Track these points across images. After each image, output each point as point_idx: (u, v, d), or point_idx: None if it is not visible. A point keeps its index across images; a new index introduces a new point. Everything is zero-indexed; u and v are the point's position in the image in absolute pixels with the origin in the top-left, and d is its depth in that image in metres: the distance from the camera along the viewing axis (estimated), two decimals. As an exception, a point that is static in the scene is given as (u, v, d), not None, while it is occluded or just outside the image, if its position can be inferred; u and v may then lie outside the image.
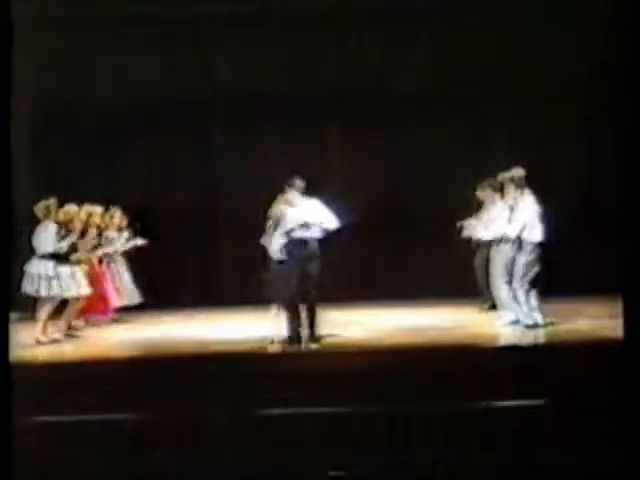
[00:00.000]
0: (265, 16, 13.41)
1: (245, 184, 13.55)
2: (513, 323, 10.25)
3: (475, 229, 11.58)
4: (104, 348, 10.46)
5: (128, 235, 12.49)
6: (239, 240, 12.85)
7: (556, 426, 6.96)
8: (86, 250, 11.35)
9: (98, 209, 11.88)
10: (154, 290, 12.83)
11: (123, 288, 12.38)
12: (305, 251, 9.47)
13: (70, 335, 10.69)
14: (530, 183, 10.09)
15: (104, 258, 12.12)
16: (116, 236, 12.37)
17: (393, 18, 13.48)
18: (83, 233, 11.15)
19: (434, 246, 13.24)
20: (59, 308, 10.64)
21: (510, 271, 10.08)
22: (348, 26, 13.61)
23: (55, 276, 10.35)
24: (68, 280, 10.46)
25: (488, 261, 10.93)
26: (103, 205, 12.16)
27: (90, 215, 11.53)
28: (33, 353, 9.66)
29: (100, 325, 11.92)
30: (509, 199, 10.21)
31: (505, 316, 10.49)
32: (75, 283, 10.55)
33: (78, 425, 7.17)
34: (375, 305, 12.50)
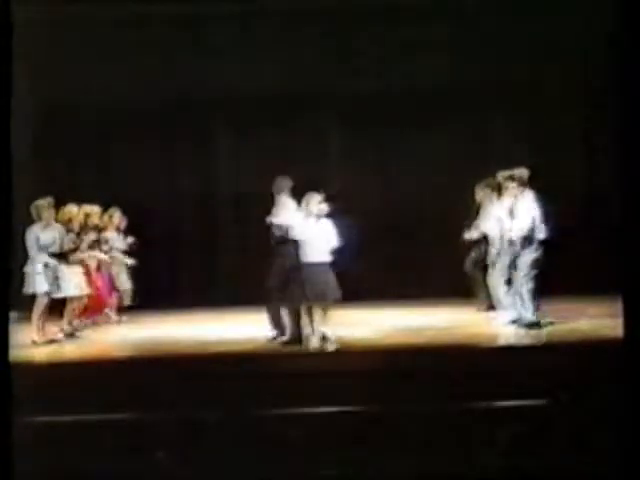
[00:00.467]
0: (265, 16, 13.42)
1: (245, 184, 13.55)
2: (512, 322, 10.24)
3: (475, 230, 11.56)
4: (104, 348, 10.46)
5: (124, 236, 12.48)
6: (239, 240, 12.86)
7: (556, 426, 6.95)
8: (84, 250, 11.33)
9: (96, 209, 11.86)
10: (153, 290, 12.82)
11: (120, 288, 12.39)
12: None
13: (70, 335, 10.69)
14: (530, 183, 10.09)
15: (102, 258, 12.11)
16: (115, 236, 12.37)
17: (393, 18, 13.48)
18: (81, 233, 11.13)
19: (434, 246, 13.23)
20: (58, 308, 10.64)
21: (512, 270, 10.03)
22: (348, 26, 13.62)
23: (52, 275, 10.31)
24: (66, 280, 10.44)
25: (484, 262, 10.92)
26: (102, 205, 12.15)
27: (88, 215, 11.49)
28: (33, 353, 9.66)
29: (100, 325, 11.92)
30: (509, 198, 10.15)
31: (504, 316, 10.48)
32: (73, 283, 10.55)
33: (78, 425, 7.17)
34: (375, 305, 12.49)
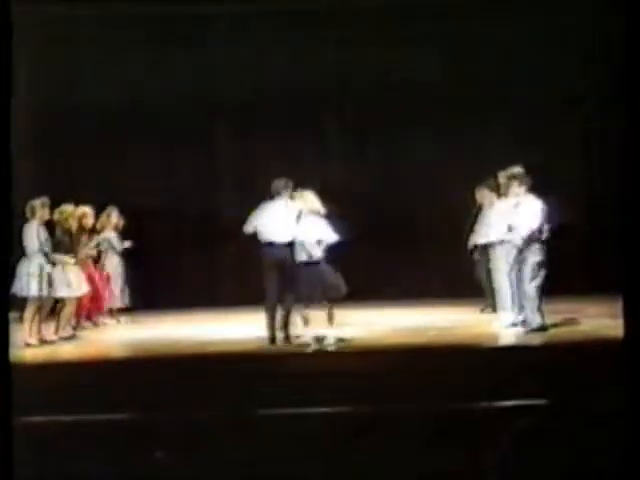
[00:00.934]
0: (265, 16, 13.42)
1: (245, 184, 13.55)
2: (514, 325, 10.19)
3: (478, 235, 11.49)
4: (104, 348, 10.46)
5: (120, 237, 12.44)
6: (239, 240, 12.84)
7: (556, 426, 6.95)
8: (81, 250, 11.29)
9: (89, 209, 11.54)
10: (153, 290, 12.82)
11: (117, 289, 12.37)
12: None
13: (66, 337, 10.58)
14: (531, 183, 10.08)
15: (99, 258, 12.10)
16: (112, 236, 12.34)
17: (393, 18, 13.49)
18: (77, 233, 11.08)
19: (434, 246, 13.24)
20: (57, 309, 10.62)
21: (517, 272, 9.92)
22: (348, 26, 13.62)
23: (46, 277, 10.21)
24: (61, 280, 10.38)
25: (490, 266, 10.90)
26: (101, 205, 12.13)
27: (84, 215, 11.38)
28: (33, 353, 9.66)
29: (99, 325, 11.92)
30: (512, 198, 10.08)
31: (506, 318, 10.45)
32: (69, 283, 10.49)
33: (78, 425, 7.17)
34: (375, 305, 12.49)
